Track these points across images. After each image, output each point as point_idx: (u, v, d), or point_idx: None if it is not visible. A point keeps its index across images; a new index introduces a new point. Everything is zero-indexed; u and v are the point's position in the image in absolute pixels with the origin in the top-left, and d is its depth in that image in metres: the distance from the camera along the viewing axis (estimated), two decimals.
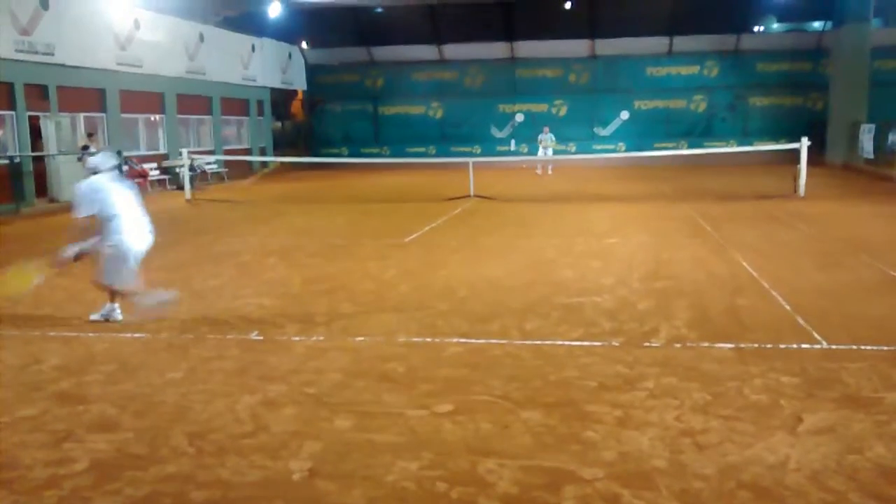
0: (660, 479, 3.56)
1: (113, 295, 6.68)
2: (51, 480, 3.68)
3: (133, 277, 6.60)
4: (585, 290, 7.56)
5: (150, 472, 3.74)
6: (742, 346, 5.62)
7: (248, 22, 28.48)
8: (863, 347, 5.52)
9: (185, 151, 18.93)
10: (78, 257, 6.50)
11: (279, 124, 34.08)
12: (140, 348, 5.89)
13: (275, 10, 28.89)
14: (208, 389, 4.91)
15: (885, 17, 28.10)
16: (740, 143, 27.80)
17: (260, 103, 29.17)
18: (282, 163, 27.48)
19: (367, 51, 31.52)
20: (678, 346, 5.68)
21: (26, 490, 3.58)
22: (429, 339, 5.96)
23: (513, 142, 30.60)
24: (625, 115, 30.63)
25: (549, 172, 23.99)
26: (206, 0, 25.66)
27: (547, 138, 24.48)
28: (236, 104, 27.50)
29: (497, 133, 31.26)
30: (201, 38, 24.35)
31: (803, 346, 5.61)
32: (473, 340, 5.92)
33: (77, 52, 18.58)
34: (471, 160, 19.06)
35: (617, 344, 5.75)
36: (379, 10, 31.00)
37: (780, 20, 34.44)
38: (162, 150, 23.08)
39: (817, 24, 31.43)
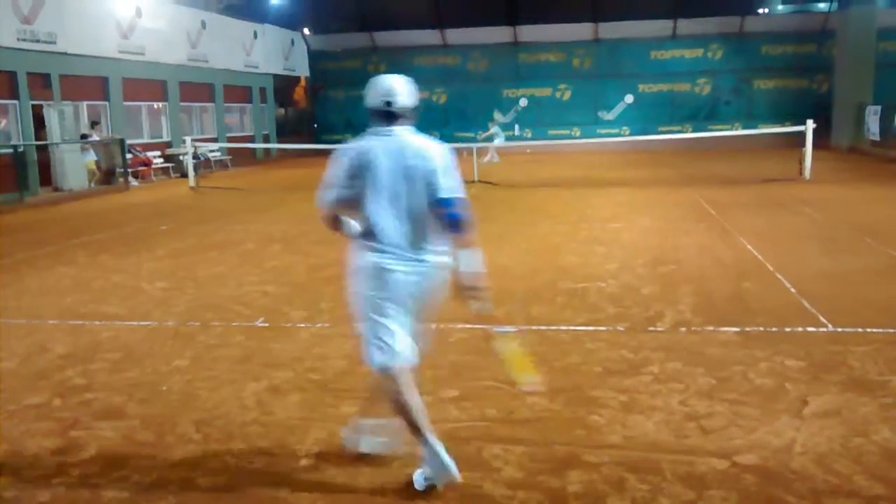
0: (665, 463, 3.56)
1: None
2: (58, 468, 3.69)
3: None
4: (590, 276, 7.55)
5: (158, 459, 3.76)
6: (747, 329, 5.61)
7: (249, 8, 28.41)
8: (869, 330, 5.50)
9: (188, 139, 18.92)
10: None
11: (282, 111, 34.03)
12: (146, 336, 5.90)
13: None
14: (214, 377, 4.92)
15: None
16: (745, 127, 27.67)
17: (262, 90, 29.11)
18: (284, 149, 27.43)
19: (370, 36, 31.38)
20: (683, 330, 5.67)
21: (34, 478, 3.60)
22: (434, 326, 5.95)
23: (516, 126, 30.50)
24: (629, 98, 30.49)
25: (495, 160, 23.11)
26: None
27: (494, 130, 24.33)
28: (239, 91, 27.44)
29: (501, 118, 31.17)
30: (203, 25, 24.27)
31: (809, 329, 5.59)
32: (479, 326, 5.91)
33: (79, 41, 18.55)
34: (474, 146, 19.03)
35: (622, 329, 5.74)
36: None
37: (784, 2, 34.21)
38: (165, 138, 23.09)
39: (822, 6, 31.24)
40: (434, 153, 3.43)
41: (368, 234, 3.43)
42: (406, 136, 3.44)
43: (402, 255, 3.39)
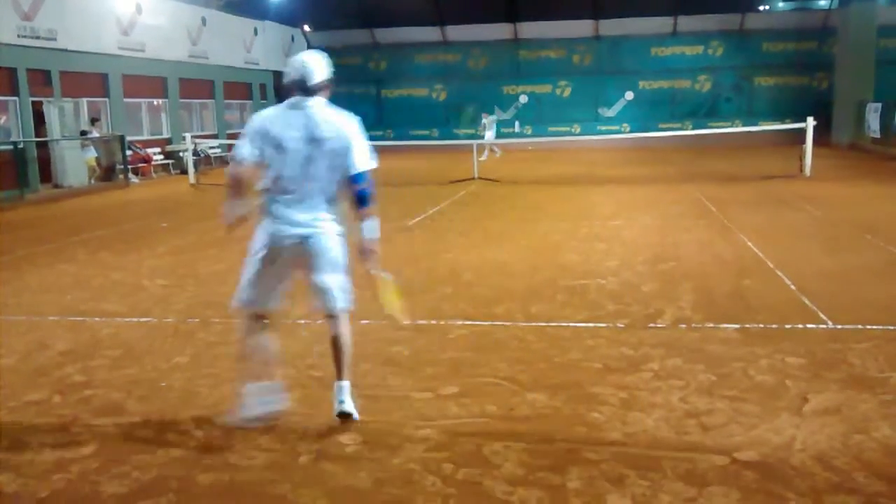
0: (665, 460, 3.56)
1: None
2: (58, 464, 3.69)
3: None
4: (590, 273, 7.55)
5: (158, 455, 3.76)
6: (747, 327, 5.61)
7: (249, 5, 28.34)
8: (869, 328, 5.50)
9: (188, 136, 18.91)
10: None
11: None
12: (146, 333, 5.90)
13: None
14: (214, 374, 4.93)
15: None
16: (745, 124, 27.65)
17: (263, 87, 29.10)
18: None
19: (370, 33, 31.34)
20: (683, 327, 5.67)
21: (35, 474, 3.60)
22: (434, 322, 5.96)
23: (517, 123, 30.48)
24: (630, 95, 30.46)
25: (497, 155, 23.57)
26: None
27: (489, 121, 24.44)
28: (239, 88, 27.42)
29: (501, 115, 31.14)
30: (203, 21, 24.25)
31: (809, 326, 5.59)
32: (479, 323, 5.92)
33: (79, 37, 18.54)
34: (475, 142, 19.03)
35: (622, 326, 5.74)
36: None
37: None
38: (165, 135, 23.07)
39: (823, 3, 31.18)
40: (346, 128, 3.83)
41: (270, 194, 3.84)
42: (319, 108, 3.82)
43: (295, 216, 3.82)
